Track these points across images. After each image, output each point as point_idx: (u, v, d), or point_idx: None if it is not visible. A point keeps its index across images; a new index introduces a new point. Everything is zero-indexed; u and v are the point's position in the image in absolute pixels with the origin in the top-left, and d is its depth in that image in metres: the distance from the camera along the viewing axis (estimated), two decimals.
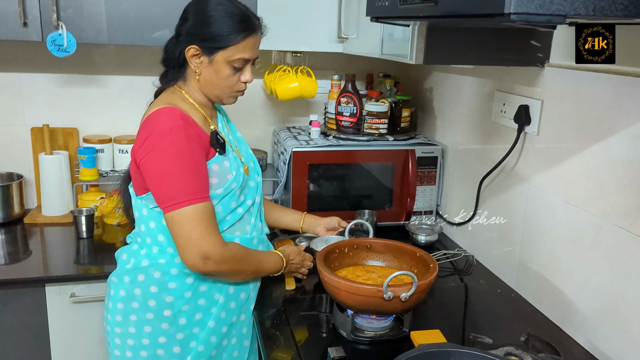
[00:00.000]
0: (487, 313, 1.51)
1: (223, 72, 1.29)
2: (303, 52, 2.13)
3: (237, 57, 1.28)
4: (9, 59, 2.02)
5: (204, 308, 1.34)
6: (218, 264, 1.23)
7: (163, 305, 1.31)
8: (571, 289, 1.37)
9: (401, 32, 1.49)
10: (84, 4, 1.68)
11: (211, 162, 1.28)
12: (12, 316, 1.63)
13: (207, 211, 1.22)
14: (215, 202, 1.29)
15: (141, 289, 1.31)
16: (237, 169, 1.34)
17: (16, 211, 2.00)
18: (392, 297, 1.20)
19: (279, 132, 2.16)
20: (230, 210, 1.34)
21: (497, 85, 1.68)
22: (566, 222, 1.38)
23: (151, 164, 1.21)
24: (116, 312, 1.34)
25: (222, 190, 1.30)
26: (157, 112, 1.25)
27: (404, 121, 2.09)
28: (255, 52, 1.32)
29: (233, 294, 1.37)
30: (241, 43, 1.27)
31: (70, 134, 2.10)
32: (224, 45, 1.26)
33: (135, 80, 2.13)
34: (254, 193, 1.42)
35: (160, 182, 1.21)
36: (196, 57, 1.29)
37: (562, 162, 1.40)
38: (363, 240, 1.52)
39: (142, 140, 1.23)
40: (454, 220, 1.96)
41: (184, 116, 1.25)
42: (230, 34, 1.25)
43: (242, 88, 1.35)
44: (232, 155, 1.36)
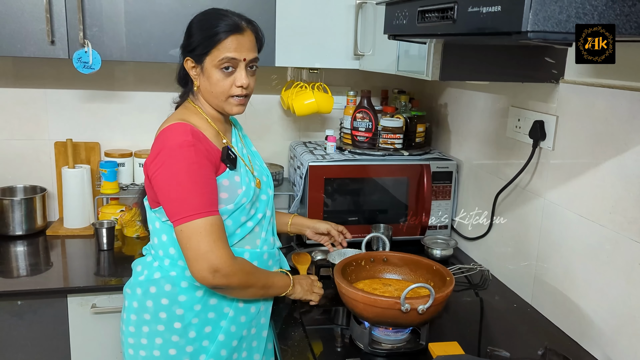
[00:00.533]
0: (503, 327, 1.51)
1: (213, 77, 1.30)
2: (319, 69, 2.17)
3: (220, 58, 1.27)
4: (36, 75, 2.08)
5: (214, 321, 1.34)
6: (227, 277, 1.23)
7: (173, 317, 1.32)
8: (588, 303, 1.38)
9: (417, 49, 1.52)
10: (108, 22, 1.75)
11: (222, 177, 1.30)
12: (34, 327, 1.67)
13: (215, 225, 1.23)
14: (225, 216, 1.30)
15: (153, 300, 1.33)
16: (247, 184, 1.35)
17: (39, 223, 2.05)
18: (410, 310, 1.21)
19: (295, 147, 2.19)
20: (240, 224, 1.35)
21: (512, 101, 1.70)
22: (582, 237, 1.39)
23: (162, 178, 1.23)
24: (129, 323, 1.36)
25: (233, 205, 1.31)
26: (169, 127, 1.27)
27: (418, 136, 2.12)
28: (243, 52, 1.29)
29: (243, 307, 1.38)
30: (222, 43, 1.27)
31: (92, 148, 2.16)
32: (208, 49, 1.27)
33: (156, 96, 2.18)
34: (264, 207, 1.43)
35: (170, 196, 1.23)
36: (193, 69, 1.33)
37: (577, 177, 1.41)
38: (379, 253, 1.54)
39: (154, 155, 1.26)
40: (469, 235, 1.97)
41: (194, 132, 1.26)
42: (211, 37, 1.27)
43: (237, 93, 1.32)
44: (243, 169, 1.37)
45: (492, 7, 0.79)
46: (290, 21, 1.90)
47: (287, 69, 2.26)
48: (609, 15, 0.74)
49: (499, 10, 0.77)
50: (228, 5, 1.77)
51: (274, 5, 1.85)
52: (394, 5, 1.18)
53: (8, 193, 2.10)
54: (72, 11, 1.71)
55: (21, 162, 2.14)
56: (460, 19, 0.89)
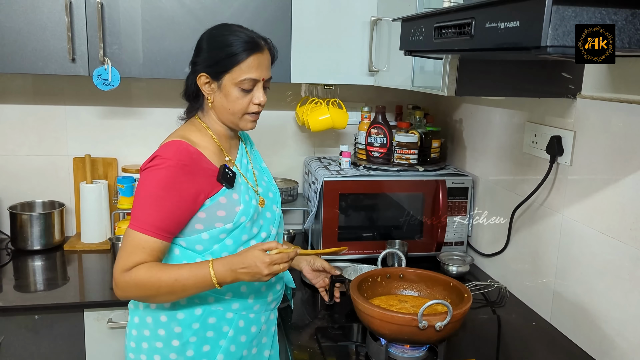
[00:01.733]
0: (522, 345, 1.49)
1: (232, 95, 1.29)
2: (334, 85, 2.18)
3: (242, 78, 1.27)
4: (56, 92, 2.12)
5: (212, 340, 1.32)
6: (122, 291, 1.22)
7: (172, 335, 1.30)
8: (609, 321, 1.35)
9: (432, 65, 1.52)
10: (127, 40, 1.78)
11: (219, 194, 1.28)
12: (51, 341, 1.67)
13: (146, 246, 1.20)
14: (223, 235, 1.29)
15: (152, 317, 1.32)
16: (247, 202, 1.32)
17: (56, 238, 2.07)
18: (427, 327, 1.20)
19: (310, 162, 2.20)
20: (242, 243, 1.32)
21: (528, 116, 1.69)
22: (602, 254, 1.37)
23: (140, 183, 1.26)
24: (131, 338, 1.36)
25: (232, 224, 1.29)
26: (167, 143, 1.27)
27: (433, 152, 2.11)
28: (262, 72, 1.30)
29: (243, 327, 1.35)
30: (244, 63, 1.26)
31: (109, 163, 2.18)
32: (228, 68, 1.26)
33: (172, 112, 2.18)
34: (269, 225, 1.40)
35: (136, 199, 1.25)
36: (207, 85, 1.30)
37: (596, 193, 1.39)
38: (396, 269, 1.53)
39: (144, 164, 1.27)
40: (485, 251, 1.95)
41: (189, 152, 1.25)
42: (232, 56, 1.26)
43: (254, 110, 1.32)
44: (244, 187, 1.34)
45: (510, 23, 0.79)
46: (306, 38, 1.92)
47: (301, 85, 2.28)
48: (629, 29, 0.74)
49: (517, 25, 0.77)
50: (245, 22, 1.79)
51: (289, 22, 1.87)
52: (410, 21, 1.19)
53: (27, 208, 2.13)
54: (93, 29, 1.75)
55: (40, 178, 2.17)
56: (477, 34, 0.89)
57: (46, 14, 1.71)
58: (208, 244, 1.30)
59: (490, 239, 1.93)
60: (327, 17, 1.93)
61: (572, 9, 0.71)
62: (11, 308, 1.63)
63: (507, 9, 0.80)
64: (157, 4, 1.78)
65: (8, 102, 2.10)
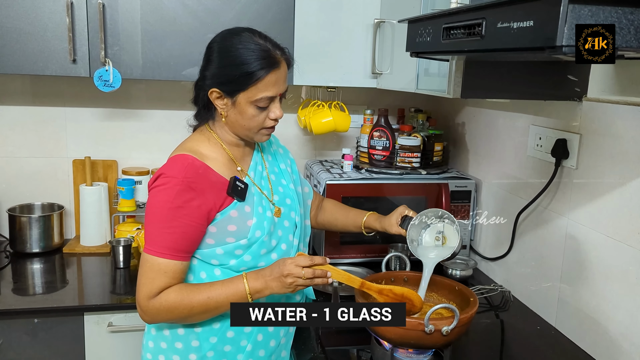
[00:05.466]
0: (527, 350, 1.47)
1: (247, 112, 1.23)
2: (336, 87, 2.17)
3: (259, 97, 1.21)
4: (56, 93, 2.11)
5: (231, 354, 1.30)
6: (150, 318, 1.21)
7: (189, 348, 1.28)
8: (616, 326, 1.34)
9: (437, 67, 1.51)
10: (129, 41, 1.76)
11: (229, 208, 1.24)
12: (50, 345, 1.65)
13: (164, 270, 1.19)
14: (240, 251, 1.26)
15: (170, 329, 1.30)
16: (260, 214, 1.27)
17: (56, 241, 2.05)
18: (434, 331, 1.19)
19: (312, 166, 2.18)
20: (260, 257, 1.29)
21: (532, 119, 1.68)
22: (609, 258, 1.36)
23: (148, 204, 1.23)
24: (147, 350, 1.34)
25: (247, 240, 1.25)
26: (172, 159, 1.24)
27: (436, 155, 2.10)
28: (279, 87, 1.24)
29: (262, 341, 1.32)
30: (261, 82, 1.20)
31: (109, 166, 2.16)
32: (244, 87, 1.20)
33: (172, 114, 2.19)
34: (288, 235, 1.35)
35: (147, 223, 1.22)
36: (220, 100, 1.25)
37: (603, 196, 1.38)
38: (400, 273, 1.52)
39: (150, 182, 1.24)
40: (488, 255, 1.94)
41: (193, 167, 1.21)
42: (248, 74, 1.19)
43: (270, 124, 1.28)
44: (257, 198, 1.29)
45: (523, 22, 0.78)
46: (308, 40, 1.91)
47: (300, 88, 2.27)
48: None
49: (531, 25, 0.76)
50: (247, 24, 1.76)
51: (292, 24, 1.86)
52: (417, 22, 1.18)
53: (26, 210, 2.10)
54: (94, 30, 1.73)
55: (39, 180, 2.15)
56: (488, 34, 0.88)
57: (47, 14, 1.70)
58: (224, 259, 1.27)
59: (494, 243, 1.92)
60: (329, 20, 1.92)
61: (589, 8, 0.70)
62: (10, 311, 1.61)
63: (521, 9, 0.79)
64: (159, 5, 1.76)
65: (7, 103, 2.09)
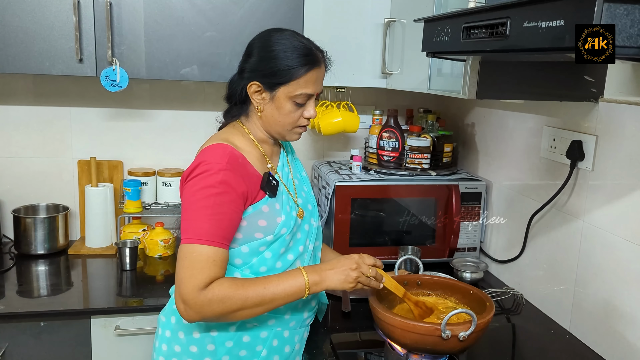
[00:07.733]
0: (542, 355, 1.45)
1: (285, 107, 1.25)
2: (346, 88, 2.15)
3: (298, 93, 1.24)
4: (61, 93, 2.08)
5: (246, 359, 1.28)
6: (197, 312, 1.12)
7: (204, 352, 1.26)
8: (633, 331, 1.31)
9: (450, 68, 1.49)
10: (136, 40, 1.74)
11: (261, 203, 1.24)
12: (56, 348, 1.63)
13: (213, 258, 1.14)
14: (263, 248, 1.25)
15: (185, 332, 1.27)
16: (288, 212, 1.28)
17: (61, 242, 2.02)
18: (450, 336, 1.16)
19: (320, 167, 2.16)
20: (279, 256, 1.28)
21: (546, 120, 1.66)
22: (626, 261, 1.33)
23: (185, 196, 1.19)
24: (160, 353, 1.32)
25: (273, 236, 1.24)
26: (209, 147, 1.22)
27: (445, 156, 2.08)
28: (318, 86, 1.28)
29: (277, 346, 1.31)
30: (302, 78, 1.23)
31: (115, 166, 2.14)
32: (286, 81, 1.23)
33: (179, 115, 2.16)
34: (306, 238, 1.35)
35: (185, 214, 1.18)
36: (258, 94, 1.26)
37: (620, 198, 1.36)
38: (413, 276, 1.49)
39: (187, 172, 1.21)
40: (500, 257, 1.91)
41: (233, 155, 1.20)
42: (291, 69, 1.22)
43: (304, 123, 1.30)
44: (285, 197, 1.30)
45: (552, 22, 0.76)
46: (318, 40, 1.86)
47: None
48: None
49: (561, 24, 0.74)
50: (256, 23, 1.78)
51: (301, 23, 1.84)
52: (434, 22, 1.16)
53: (31, 211, 2.08)
54: (101, 29, 1.71)
55: (44, 181, 2.12)
56: (514, 34, 0.86)
57: (54, 13, 1.67)
58: (247, 257, 1.25)
59: (505, 245, 1.90)
60: (339, 19, 1.90)
61: (624, 7, 0.67)
62: (16, 314, 1.58)
63: (550, 8, 0.77)
64: (167, 4, 1.74)
65: (12, 103, 2.06)
